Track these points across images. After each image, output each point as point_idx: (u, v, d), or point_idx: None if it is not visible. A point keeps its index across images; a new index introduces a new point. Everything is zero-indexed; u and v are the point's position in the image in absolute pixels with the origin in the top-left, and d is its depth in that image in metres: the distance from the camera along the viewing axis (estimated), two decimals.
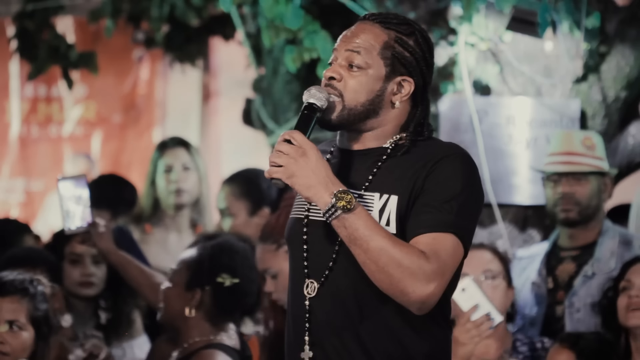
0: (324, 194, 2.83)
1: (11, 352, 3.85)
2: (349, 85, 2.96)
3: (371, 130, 2.99)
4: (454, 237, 2.85)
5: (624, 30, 5.23)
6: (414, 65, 2.99)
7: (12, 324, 3.87)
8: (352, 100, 2.95)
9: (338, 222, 2.82)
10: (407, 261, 2.79)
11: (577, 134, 4.91)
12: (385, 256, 2.80)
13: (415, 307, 2.83)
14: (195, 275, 4.05)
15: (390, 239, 2.82)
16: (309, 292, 2.95)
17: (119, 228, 5.16)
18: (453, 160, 2.91)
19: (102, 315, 4.70)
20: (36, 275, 4.09)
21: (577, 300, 4.64)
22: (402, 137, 2.99)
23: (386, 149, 2.97)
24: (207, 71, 9.26)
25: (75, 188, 4.48)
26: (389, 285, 2.81)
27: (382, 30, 2.99)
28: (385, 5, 5.36)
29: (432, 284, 2.80)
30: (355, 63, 2.96)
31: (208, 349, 3.97)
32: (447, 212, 2.85)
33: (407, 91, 2.99)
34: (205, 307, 4.03)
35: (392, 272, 2.79)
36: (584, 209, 4.72)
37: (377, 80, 2.96)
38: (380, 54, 2.97)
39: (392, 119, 2.99)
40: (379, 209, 2.90)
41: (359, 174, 2.96)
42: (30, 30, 6.98)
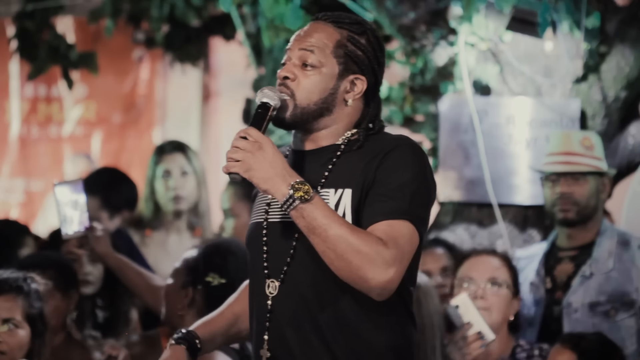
0: (281, 186, 2.86)
1: (8, 351, 3.85)
2: (302, 85, 3.01)
3: (324, 129, 3.04)
4: (409, 224, 2.89)
5: (624, 30, 5.23)
6: (367, 64, 3.05)
7: (8, 323, 3.87)
8: (304, 99, 3.00)
9: (296, 213, 2.85)
10: (365, 248, 2.82)
11: (576, 134, 4.91)
12: (343, 243, 2.82)
13: (375, 293, 2.86)
14: (190, 273, 4.07)
15: (348, 227, 2.85)
16: (270, 291, 2.99)
17: (118, 231, 5.17)
18: (403, 150, 2.96)
19: (100, 314, 4.70)
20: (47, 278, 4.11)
21: (575, 301, 4.64)
22: (353, 133, 3.04)
23: (339, 146, 3.03)
24: (207, 71, 9.26)
25: (71, 193, 4.48)
26: (348, 272, 2.84)
27: (334, 29, 3.06)
28: (385, 6, 5.36)
29: (391, 270, 2.83)
30: (308, 62, 3.01)
31: None
32: (401, 200, 2.89)
33: (360, 89, 3.04)
34: (197, 306, 4.04)
35: (350, 259, 2.82)
36: (583, 208, 4.73)
37: (330, 79, 3.02)
38: (333, 53, 3.02)
39: (344, 116, 3.04)
40: (335, 204, 2.95)
41: (314, 172, 3.00)
42: (30, 30, 6.98)
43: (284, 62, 3.06)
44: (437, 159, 5.41)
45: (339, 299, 2.92)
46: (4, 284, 3.93)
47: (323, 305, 2.93)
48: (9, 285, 3.93)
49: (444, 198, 5.35)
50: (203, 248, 4.15)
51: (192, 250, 4.17)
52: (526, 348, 4.36)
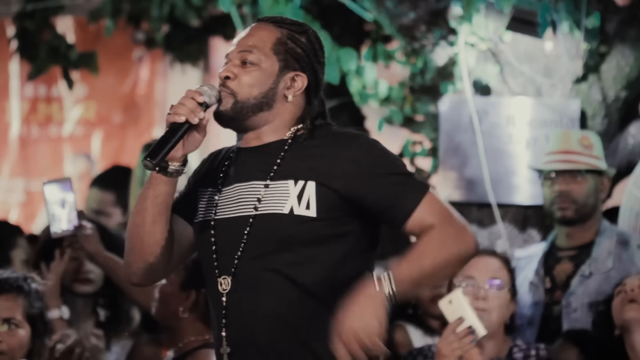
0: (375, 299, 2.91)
1: (8, 351, 3.85)
2: (242, 81, 3.05)
3: (266, 125, 3.06)
4: (427, 194, 2.98)
5: (624, 30, 5.23)
6: (307, 61, 3.09)
7: (9, 322, 3.87)
8: (245, 94, 3.04)
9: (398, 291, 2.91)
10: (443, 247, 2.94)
11: (575, 133, 4.92)
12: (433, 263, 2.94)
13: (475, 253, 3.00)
14: (191, 276, 4.04)
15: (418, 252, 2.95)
16: (224, 288, 3.01)
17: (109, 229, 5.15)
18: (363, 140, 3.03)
19: (101, 313, 4.70)
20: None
21: (575, 300, 4.65)
22: (299, 128, 3.08)
23: (286, 140, 3.06)
24: (207, 71, 9.25)
25: (60, 192, 4.48)
26: (458, 267, 3.03)
27: (275, 28, 3.11)
28: (386, 5, 5.36)
29: (463, 233, 2.97)
30: (248, 60, 3.06)
31: (204, 348, 3.96)
32: (405, 184, 2.98)
33: (300, 86, 3.08)
34: (200, 309, 4.02)
35: (448, 262, 2.95)
36: (581, 207, 4.73)
37: (270, 75, 3.06)
38: (273, 50, 3.07)
39: (285, 112, 3.08)
40: (297, 194, 2.97)
41: (263, 165, 3.03)
42: (30, 30, 6.98)
43: (225, 64, 3.10)
44: (437, 159, 5.41)
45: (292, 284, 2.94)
46: (4, 284, 3.93)
47: (278, 293, 2.95)
48: (9, 285, 3.93)
49: (444, 198, 5.35)
50: None
51: None
52: (523, 348, 4.36)
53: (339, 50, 5.33)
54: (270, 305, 2.95)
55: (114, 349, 4.73)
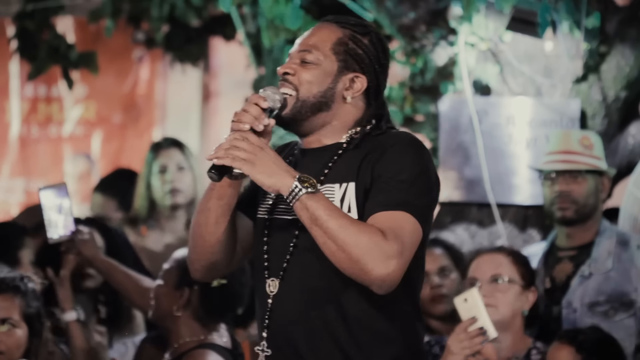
0: (287, 178, 2.86)
1: (6, 351, 3.85)
2: (302, 78, 3.02)
3: (325, 126, 3.05)
4: (410, 216, 2.88)
5: (624, 30, 5.23)
6: (367, 63, 3.06)
7: (6, 322, 3.87)
8: (306, 91, 3.02)
9: (300, 204, 2.85)
10: (365, 240, 2.82)
11: (575, 133, 4.91)
12: (342, 234, 2.82)
13: (376, 286, 2.85)
14: (185, 274, 4.05)
15: (348, 219, 2.85)
16: (271, 290, 2.99)
17: (113, 230, 5.15)
18: (403, 144, 2.98)
19: (102, 310, 4.70)
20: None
21: (574, 300, 4.65)
22: (357, 131, 3.05)
23: (342, 144, 3.04)
24: (207, 71, 9.25)
25: (56, 197, 4.47)
26: (348, 264, 2.83)
27: (337, 28, 3.08)
28: (386, 5, 5.36)
29: (392, 262, 2.82)
30: (307, 59, 3.04)
31: (199, 348, 3.97)
32: (400, 191, 2.90)
33: (359, 88, 3.05)
34: (193, 307, 4.04)
35: (350, 250, 2.82)
36: (581, 207, 4.73)
37: (329, 75, 3.03)
38: (333, 50, 3.04)
39: (344, 114, 3.05)
40: (340, 198, 2.96)
41: (318, 169, 3.01)
42: (30, 30, 6.98)
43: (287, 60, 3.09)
44: (437, 159, 5.41)
45: (337, 299, 2.92)
46: (1, 284, 3.93)
47: (324, 301, 2.93)
48: (6, 284, 3.93)
49: (444, 198, 5.35)
50: None
51: (182, 250, 4.15)
52: (542, 351, 4.34)
53: None
54: (314, 313, 2.93)
55: (115, 347, 4.73)
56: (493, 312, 4.24)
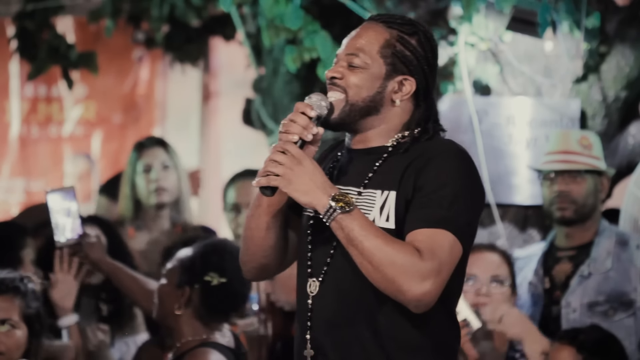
0: (322, 197, 2.84)
1: (6, 351, 3.86)
2: (350, 81, 2.98)
3: (373, 129, 3.01)
4: (450, 234, 2.85)
5: (624, 30, 5.23)
6: (415, 65, 3.01)
7: (6, 323, 3.88)
8: (355, 95, 2.98)
9: (336, 224, 2.84)
10: (400, 259, 2.80)
11: (574, 133, 4.92)
12: (378, 254, 2.80)
13: (412, 305, 2.84)
14: (186, 273, 4.07)
15: (384, 238, 2.83)
16: (311, 290, 2.98)
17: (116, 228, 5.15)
18: (447, 156, 2.93)
19: (104, 308, 4.70)
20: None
21: (574, 300, 4.65)
22: (404, 135, 3.01)
23: (387, 148, 3.00)
24: (207, 71, 9.26)
25: (64, 200, 4.48)
26: (384, 284, 2.82)
27: (384, 29, 3.02)
28: (386, 6, 5.36)
29: (428, 282, 2.80)
30: (354, 63, 2.99)
31: (201, 347, 3.97)
32: (441, 207, 2.85)
33: (408, 90, 3.01)
34: (194, 306, 4.04)
35: (386, 271, 2.80)
36: (580, 207, 4.73)
37: (377, 79, 2.99)
38: (380, 53, 2.99)
39: (393, 117, 3.01)
40: (380, 205, 2.93)
41: (361, 172, 2.99)
42: (30, 30, 6.98)
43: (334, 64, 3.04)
44: None
45: (376, 305, 2.91)
46: (1, 285, 3.93)
47: (362, 306, 2.92)
48: (5, 285, 3.93)
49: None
50: (199, 247, 4.14)
51: (186, 250, 4.16)
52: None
53: None
54: (346, 319, 2.92)
55: (117, 345, 4.74)
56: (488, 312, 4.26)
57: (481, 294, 4.32)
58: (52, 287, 4.47)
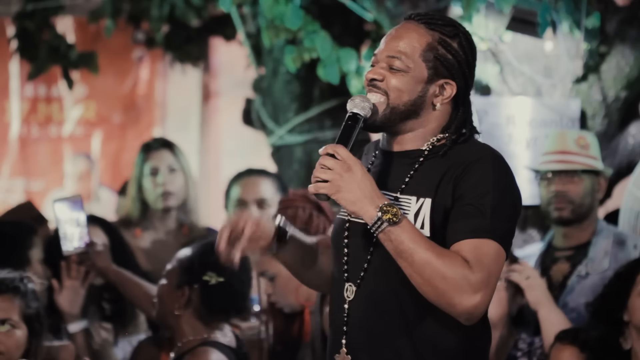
0: (369, 208, 2.82)
1: (6, 351, 3.86)
2: (391, 85, 2.96)
3: (411, 132, 2.99)
4: (495, 243, 2.84)
5: (624, 30, 5.23)
6: (457, 68, 2.99)
7: (6, 323, 3.88)
8: (396, 98, 2.95)
9: (384, 236, 2.83)
10: (451, 273, 2.78)
11: (571, 133, 4.92)
12: (429, 269, 2.79)
13: (464, 318, 2.83)
14: (185, 272, 4.07)
15: (434, 251, 2.80)
16: (348, 295, 2.96)
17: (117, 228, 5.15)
18: (485, 163, 2.92)
19: (107, 307, 4.71)
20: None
21: (571, 300, 4.65)
22: (440, 138, 2.99)
23: (423, 151, 2.98)
24: (207, 71, 9.26)
25: (71, 210, 4.50)
26: (435, 297, 2.81)
27: (426, 31, 2.99)
28: (386, 6, 5.36)
29: (479, 294, 2.80)
30: (395, 66, 2.96)
31: (202, 346, 3.98)
32: (484, 216, 2.84)
33: (449, 94, 2.99)
34: (194, 305, 4.05)
35: (437, 285, 2.79)
36: (577, 207, 4.73)
37: (419, 83, 2.97)
38: (423, 57, 2.97)
39: (432, 120, 3.00)
40: (415, 212, 2.91)
41: (397, 176, 2.97)
42: (30, 30, 6.98)
43: (372, 64, 3.01)
44: None
45: (413, 307, 2.89)
46: (1, 285, 3.93)
47: (398, 313, 2.90)
48: (5, 285, 3.93)
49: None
50: (197, 247, 4.15)
51: (185, 250, 4.17)
52: (528, 341, 4.40)
53: (339, 50, 5.33)
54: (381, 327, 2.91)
55: (120, 345, 4.74)
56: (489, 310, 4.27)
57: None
58: (59, 294, 4.47)
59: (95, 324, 4.60)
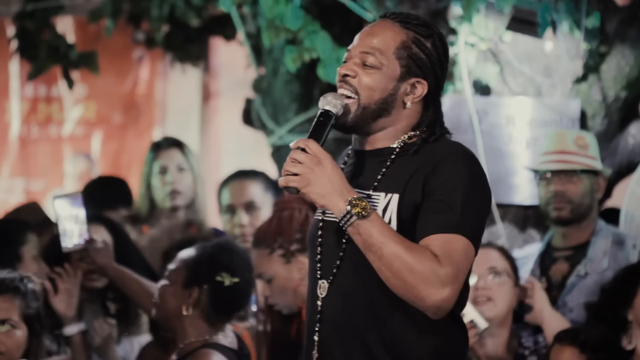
0: (338, 202, 2.84)
1: (6, 352, 3.86)
2: (363, 83, 2.97)
3: (382, 130, 3.00)
4: (464, 239, 2.85)
5: (624, 30, 5.23)
6: (429, 68, 3.00)
7: (6, 323, 3.88)
8: (367, 97, 2.97)
9: (353, 229, 2.84)
10: (420, 266, 2.79)
11: (570, 133, 4.92)
12: (398, 262, 2.80)
13: (431, 312, 2.83)
14: (194, 273, 4.05)
15: (403, 245, 2.82)
16: (321, 292, 2.98)
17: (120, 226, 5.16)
18: (454, 160, 2.92)
19: (111, 306, 4.70)
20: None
21: (571, 300, 4.65)
22: (411, 136, 3.00)
23: (394, 149, 2.99)
24: (207, 71, 9.26)
25: (71, 206, 4.49)
26: (404, 290, 2.82)
27: (401, 29, 3.02)
28: (386, 6, 5.36)
29: (447, 289, 2.80)
30: (369, 62, 2.98)
31: (204, 348, 3.97)
32: (454, 212, 2.85)
33: (420, 93, 3.01)
34: (203, 306, 4.03)
35: (405, 278, 2.80)
36: (576, 207, 4.73)
37: (391, 80, 2.98)
38: (396, 54, 2.99)
39: (402, 118, 3.01)
40: (383, 207, 2.92)
41: (369, 175, 2.98)
42: (30, 30, 6.98)
43: (345, 60, 3.03)
44: None
45: (383, 303, 2.90)
46: (1, 285, 3.93)
47: (369, 309, 2.91)
48: (5, 286, 3.94)
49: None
50: (205, 248, 4.13)
51: (188, 251, 4.15)
52: (532, 340, 4.41)
53: (339, 50, 5.32)
54: (360, 317, 2.91)
55: (122, 344, 4.74)
56: (492, 307, 4.27)
57: (480, 288, 4.34)
58: (54, 297, 4.46)
59: (100, 319, 4.59)
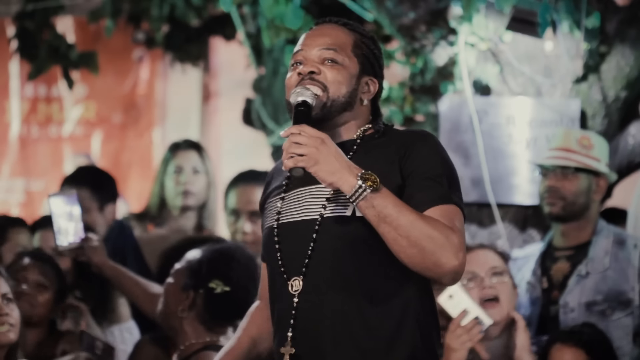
0: (349, 177, 2.87)
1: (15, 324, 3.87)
2: (330, 77, 3.04)
3: (344, 124, 3.08)
4: (458, 209, 2.95)
5: (624, 30, 5.23)
6: (377, 68, 3.12)
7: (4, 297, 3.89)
8: (336, 91, 3.04)
9: (366, 203, 2.86)
10: (437, 233, 2.86)
11: (575, 132, 4.92)
12: (416, 230, 2.85)
13: (449, 278, 2.90)
14: (193, 276, 4.05)
15: (417, 214, 2.88)
16: (295, 289, 2.99)
17: (119, 223, 5.16)
18: (427, 140, 3.03)
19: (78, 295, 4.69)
20: None
21: (572, 300, 4.65)
22: (366, 129, 3.09)
23: (355, 140, 3.07)
24: (207, 71, 9.26)
25: (66, 204, 4.50)
26: (421, 258, 2.86)
27: (347, 31, 3.11)
28: (386, 6, 5.36)
29: (460, 254, 2.89)
30: (332, 58, 3.05)
31: (205, 350, 3.96)
32: (442, 185, 2.95)
33: (373, 91, 3.11)
34: (197, 310, 4.03)
35: (425, 245, 2.85)
36: (569, 204, 4.73)
37: (353, 76, 3.07)
38: (353, 52, 3.07)
39: (360, 114, 3.10)
40: None
41: None
42: (30, 30, 6.98)
43: (298, 62, 3.08)
44: None
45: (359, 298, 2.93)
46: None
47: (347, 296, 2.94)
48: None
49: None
50: (207, 252, 4.12)
51: (195, 252, 4.14)
52: (533, 342, 4.42)
53: None
54: (338, 307, 2.94)
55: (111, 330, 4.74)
56: (498, 310, 4.28)
57: (486, 287, 4.34)
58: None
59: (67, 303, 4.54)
